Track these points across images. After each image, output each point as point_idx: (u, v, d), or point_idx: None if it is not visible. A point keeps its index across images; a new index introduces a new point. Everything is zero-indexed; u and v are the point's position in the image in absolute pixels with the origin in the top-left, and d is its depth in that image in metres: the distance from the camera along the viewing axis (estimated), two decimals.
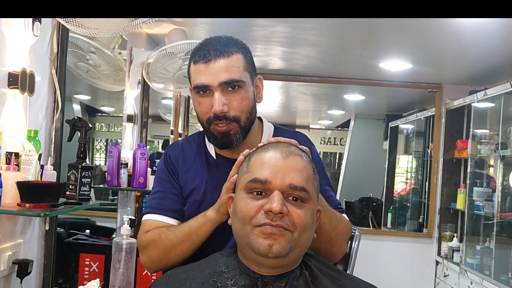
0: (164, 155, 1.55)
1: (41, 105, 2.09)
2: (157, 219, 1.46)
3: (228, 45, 1.39)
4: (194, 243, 1.39)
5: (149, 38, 3.58)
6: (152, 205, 1.49)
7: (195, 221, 1.40)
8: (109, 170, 2.69)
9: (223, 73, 1.36)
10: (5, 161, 1.70)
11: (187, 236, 1.39)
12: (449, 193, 4.86)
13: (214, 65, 1.36)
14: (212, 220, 1.37)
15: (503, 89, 3.69)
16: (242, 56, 1.40)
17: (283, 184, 1.20)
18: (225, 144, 1.41)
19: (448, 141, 4.87)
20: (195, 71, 1.40)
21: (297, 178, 1.20)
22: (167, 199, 1.48)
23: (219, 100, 1.36)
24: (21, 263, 1.91)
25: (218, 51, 1.37)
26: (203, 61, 1.37)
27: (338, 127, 8.85)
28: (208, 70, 1.37)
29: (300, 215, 1.19)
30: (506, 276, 3.60)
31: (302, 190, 1.20)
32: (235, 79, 1.37)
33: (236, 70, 1.37)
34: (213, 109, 1.37)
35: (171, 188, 1.49)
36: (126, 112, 3.15)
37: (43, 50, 2.09)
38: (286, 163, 1.22)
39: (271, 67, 4.59)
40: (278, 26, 3.28)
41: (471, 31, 3.10)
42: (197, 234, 1.38)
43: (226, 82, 1.36)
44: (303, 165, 1.24)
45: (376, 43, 3.63)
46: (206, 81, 1.37)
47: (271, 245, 1.17)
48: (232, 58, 1.38)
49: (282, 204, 1.18)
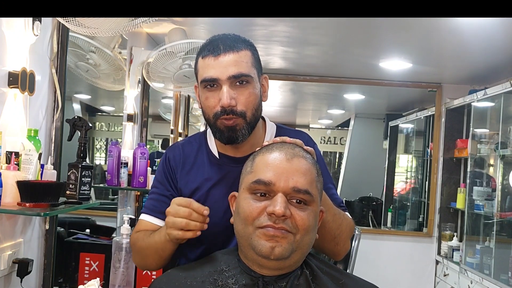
0: (163, 156, 1.55)
1: (41, 105, 2.10)
2: (148, 220, 1.48)
3: (237, 41, 1.40)
4: (162, 256, 1.40)
5: (149, 38, 3.58)
6: (147, 205, 1.51)
7: (158, 236, 1.38)
8: (109, 169, 2.69)
9: (232, 67, 1.36)
10: (5, 160, 1.70)
11: (155, 249, 1.39)
12: (449, 192, 4.87)
13: (223, 59, 1.36)
14: (171, 242, 1.34)
15: (503, 88, 3.69)
16: (250, 53, 1.41)
17: (287, 186, 1.19)
18: (231, 139, 1.40)
19: (448, 140, 4.88)
20: (203, 65, 1.40)
21: (301, 181, 1.20)
22: (160, 201, 1.48)
23: (227, 94, 1.35)
24: (21, 262, 1.91)
25: (228, 46, 1.38)
26: (213, 54, 1.37)
27: (338, 126, 8.84)
28: (217, 63, 1.36)
29: (303, 218, 1.19)
30: (506, 275, 3.60)
31: (306, 193, 1.20)
32: (244, 73, 1.37)
33: (245, 65, 1.38)
34: (221, 103, 1.36)
35: (164, 190, 1.50)
36: (126, 111, 3.15)
37: (43, 50, 2.09)
38: (290, 165, 1.21)
39: (271, 66, 4.59)
40: (278, 25, 3.28)
41: (471, 31, 3.10)
42: (163, 249, 1.38)
43: (235, 76, 1.36)
44: (307, 167, 1.23)
45: (376, 42, 3.63)
46: (215, 74, 1.36)
47: (273, 247, 1.17)
48: (241, 53, 1.38)
49: (286, 207, 1.17)
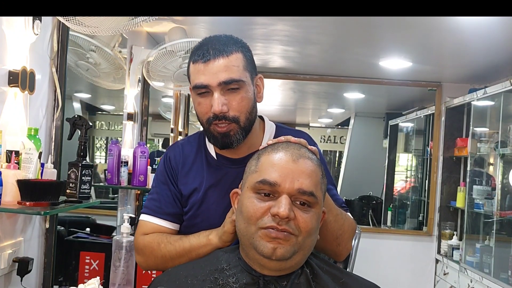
0: (164, 155, 1.54)
1: (42, 104, 2.10)
2: (154, 222, 1.46)
3: (228, 44, 1.37)
4: (192, 258, 1.39)
5: (149, 37, 3.58)
6: (149, 206, 1.49)
7: (197, 239, 1.38)
8: (109, 168, 2.69)
9: (222, 72, 1.34)
10: (6, 159, 1.70)
11: (187, 252, 1.38)
12: (449, 191, 4.87)
13: (213, 65, 1.34)
14: (214, 245, 1.35)
15: (503, 87, 3.69)
16: (241, 55, 1.38)
17: (292, 188, 1.19)
18: (225, 145, 1.40)
19: (448, 139, 4.88)
20: (194, 71, 1.38)
21: (306, 183, 1.20)
22: (163, 202, 1.48)
23: (218, 100, 1.34)
24: (21, 261, 1.91)
25: (217, 51, 1.35)
26: (202, 60, 1.35)
27: (338, 125, 8.85)
28: (207, 69, 1.35)
29: (306, 220, 1.19)
30: (506, 274, 3.60)
31: (311, 195, 1.20)
32: (235, 79, 1.35)
33: (236, 69, 1.35)
34: (212, 109, 1.35)
35: (167, 191, 1.48)
36: (126, 110, 3.15)
37: (44, 49, 2.09)
38: (296, 167, 1.21)
39: (271, 65, 4.59)
40: (278, 24, 3.28)
41: (471, 30, 3.10)
42: (197, 253, 1.37)
43: (226, 82, 1.34)
44: (312, 169, 1.23)
45: (376, 41, 3.63)
46: (205, 81, 1.35)
47: (275, 249, 1.17)
48: (231, 57, 1.36)
49: (290, 209, 1.17)
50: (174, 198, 1.47)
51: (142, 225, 1.48)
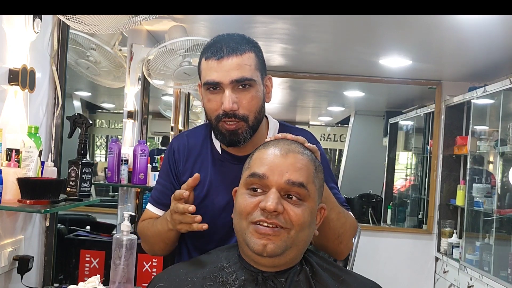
0: (170, 145, 1.56)
1: (42, 102, 2.10)
2: (152, 211, 1.54)
3: (241, 43, 1.39)
4: (168, 244, 1.47)
5: (149, 35, 3.58)
6: (152, 195, 1.56)
7: (160, 224, 1.44)
8: (109, 166, 2.69)
9: (235, 71, 1.35)
10: (6, 157, 1.70)
11: (160, 238, 1.46)
12: (449, 189, 4.87)
13: (226, 63, 1.35)
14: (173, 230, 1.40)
15: (503, 85, 3.69)
16: (254, 55, 1.39)
17: (281, 180, 1.19)
18: (233, 143, 1.41)
19: (448, 137, 4.88)
20: (206, 68, 1.39)
21: (295, 175, 1.20)
22: (162, 193, 1.52)
23: (229, 98, 1.35)
24: (21, 259, 1.92)
25: (231, 49, 1.36)
26: (215, 57, 1.36)
27: (338, 123, 8.85)
28: (220, 67, 1.36)
29: (297, 214, 1.19)
30: (506, 272, 3.60)
31: (301, 186, 1.19)
32: (247, 77, 1.36)
33: (248, 68, 1.37)
34: (223, 107, 1.36)
35: (167, 183, 1.52)
36: (126, 108, 3.15)
37: (44, 47, 2.09)
38: (284, 160, 1.21)
39: (271, 63, 4.59)
40: (278, 22, 3.28)
41: (471, 28, 3.10)
42: (167, 238, 1.44)
43: (238, 80, 1.35)
44: (303, 163, 1.23)
45: (376, 39, 3.63)
46: (218, 78, 1.36)
47: (265, 245, 1.17)
48: (244, 56, 1.37)
49: (278, 202, 1.17)
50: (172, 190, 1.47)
51: (144, 212, 1.57)
